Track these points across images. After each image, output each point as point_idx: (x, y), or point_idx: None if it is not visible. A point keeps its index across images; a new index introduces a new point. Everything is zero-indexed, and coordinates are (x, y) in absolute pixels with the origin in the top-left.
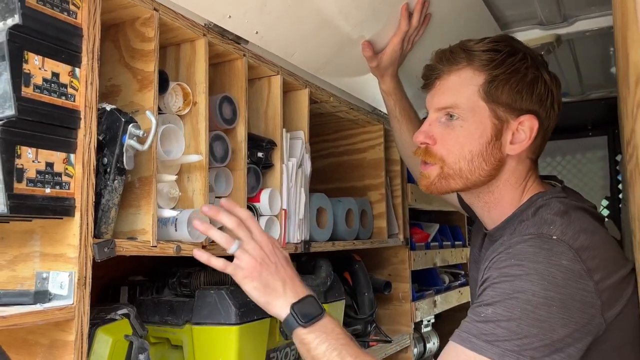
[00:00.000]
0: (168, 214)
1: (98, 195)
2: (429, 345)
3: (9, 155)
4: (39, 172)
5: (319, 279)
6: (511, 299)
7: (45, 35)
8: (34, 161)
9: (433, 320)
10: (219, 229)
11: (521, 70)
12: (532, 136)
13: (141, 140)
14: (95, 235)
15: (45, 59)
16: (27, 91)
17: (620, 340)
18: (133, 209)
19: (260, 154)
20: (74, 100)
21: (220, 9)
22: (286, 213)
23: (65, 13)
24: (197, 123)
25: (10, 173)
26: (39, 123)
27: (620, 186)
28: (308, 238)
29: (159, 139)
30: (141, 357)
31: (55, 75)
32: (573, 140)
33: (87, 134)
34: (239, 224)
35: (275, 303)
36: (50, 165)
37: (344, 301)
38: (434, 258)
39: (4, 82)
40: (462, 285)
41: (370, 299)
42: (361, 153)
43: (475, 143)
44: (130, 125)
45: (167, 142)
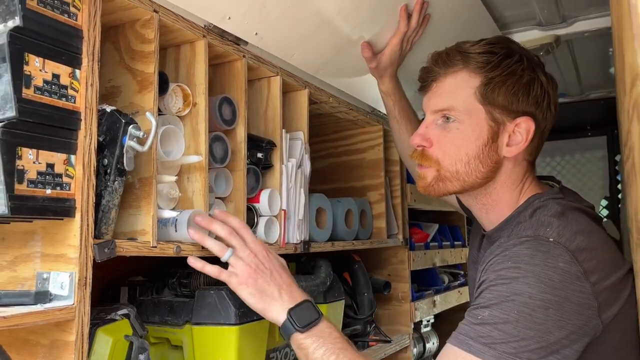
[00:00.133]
0: (168, 214)
1: (98, 196)
2: (428, 345)
3: (9, 157)
4: (39, 173)
5: (318, 279)
6: (508, 301)
7: (45, 37)
8: (34, 162)
9: (432, 320)
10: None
11: (517, 72)
12: (529, 138)
13: (141, 141)
14: (95, 235)
15: (46, 60)
16: (28, 93)
17: (618, 341)
18: (133, 209)
19: (259, 155)
20: (74, 102)
21: (220, 11)
22: (286, 213)
23: (66, 15)
24: (197, 124)
25: (11, 174)
26: (40, 124)
27: (619, 186)
28: (307, 238)
29: (159, 139)
30: (141, 357)
31: (56, 76)
32: (572, 141)
33: (88, 135)
34: (231, 233)
35: (272, 308)
36: (50, 166)
37: (343, 301)
38: (434, 258)
39: (4, 84)
40: (462, 285)
41: (369, 299)
42: (360, 153)
43: (472, 145)
44: (131, 126)
45: (167, 143)
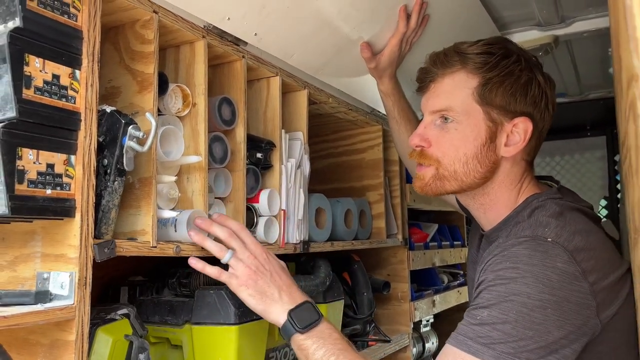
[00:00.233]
0: (168, 214)
1: (98, 196)
2: (428, 345)
3: (10, 157)
4: (39, 174)
5: (317, 279)
6: (506, 301)
7: (46, 37)
8: (34, 162)
9: (432, 320)
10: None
11: (515, 73)
12: (527, 138)
13: (141, 141)
14: (95, 235)
15: (46, 61)
16: (28, 93)
17: (617, 341)
18: (133, 209)
19: (259, 155)
20: (74, 102)
21: (220, 11)
22: (285, 213)
23: (66, 16)
24: (197, 124)
25: (12, 174)
26: (40, 125)
27: (619, 186)
28: (307, 238)
29: (159, 140)
30: (141, 357)
31: (56, 77)
32: (572, 141)
33: (88, 136)
34: (231, 235)
35: (272, 310)
36: (50, 166)
37: (342, 301)
38: (433, 258)
39: (5, 85)
40: (461, 285)
41: (369, 299)
42: (360, 153)
43: (470, 145)
44: (130, 126)
45: (167, 143)
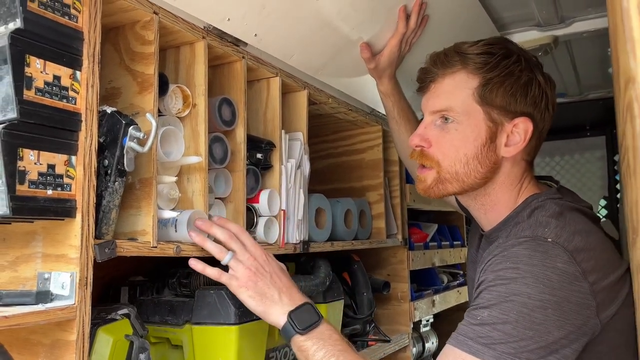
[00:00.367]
0: (168, 215)
1: (99, 196)
2: (427, 345)
3: (11, 158)
4: (40, 174)
5: (317, 279)
6: (507, 301)
7: (46, 39)
8: (35, 163)
9: (432, 320)
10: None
11: (515, 73)
12: (527, 138)
13: (141, 142)
14: (96, 236)
15: (47, 62)
16: (29, 94)
17: (617, 341)
18: (133, 210)
19: (259, 155)
20: (75, 103)
21: (219, 12)
22: (285, 214)
23: (67, 17)
24: (197, 125)
25: (13, 175)
26: (41, 126)
27: (618, 186)
28: (307, 238)
29: (159, 140)
30: (142, 357)
31: (57, 78)
32: (571, 141)
33: (88, 136)
34: (231, 236)
35: (272, 311)
36: (51, 167)
37: (342, 301)
38: (433, 258)
39: (6, 86)
40: (461, 285)
41: (369, 299)
42: (360, 154)
43: (470, 146)
44: (131, 127)
45: (167, 144)
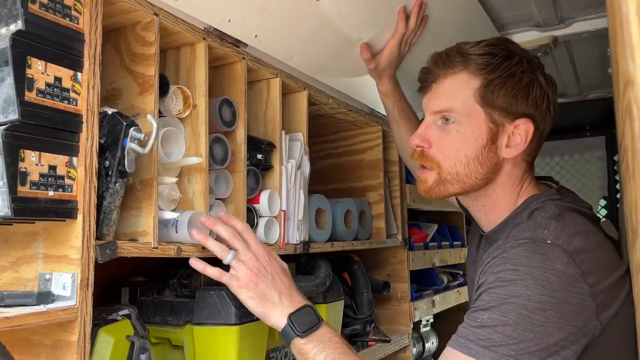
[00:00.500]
0: (169, 215)
1: (100, 197)
2: (427, 345)
3: (12, 159)
4: (42, 175)
5: (318, 279)
6: (507, 303)
7: (47, 40)
8: (37, 164)
9: (432, 320)
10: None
11: (517, 74)
12: (528, 140)
13: (142, 143)
14: (97, 237)
15: (48, 63)
16: (30, 96)
17: (616, 341)
18: (134, 210)
19: (259, 156)
20: (76, 105)
21: (220, 13)
22: (285, 214)
23: (68, 18)
24: (197, 126)
25: (14, 176)
26: (42, 127)
27: (618, 186)
28: (307, 239)
29: (160, 141)
30: (142, 357)
31: (58, 79)
32: (571, 141)
33: (89, 138)
34: (234, 235)
35: (272, 313)
36: (53, 168)
37: (343, 301)
38: (433, 258)
39: (7, 87)
40: (461, 285)
41: (369, 299)
42: (360, 154)
43: (471, 147)
44: (132, 128)
45: (168, 145)
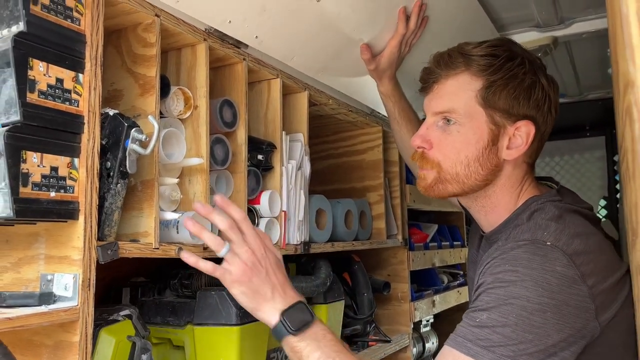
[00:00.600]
0: (170, 216)
1: (101, 198)
2: (428, 345)
3: (14, 160)
4: (43, 177)
5: (318, 279)
6: (506, 304)
7: (49, 42)
8: (39, 165)
9: (432, 320)
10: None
11: (519, 76)
12: (529, 141)
13: (144, 144)
14: (98, 237)
15: (50, 65)
16: (32, 97)
17: (615, 342)
18: (135, 211)
19: (260, 157)
20: (77, 106)
21: (221, 15)
22: (286, 215)
23: (69, 20)
24: (198, 126)
25: (16, 177)
26: (44, 128)
27: (618, 186)
28: (308, 239)
29: (161, 142)
30: (144, 358)
31: (60, 81)
32: (571, 141)
33: (91, 139)
34: (231, 227)
35: (264, 309)
36: (54, 169)
37: (343, 301)
38: (433, 258)
39: (9, 89)
40: (461, 285)
41: (369, 299)
42: (360, 154)
43: (472, 148)
44: (133, 129)
45: (169, 146)
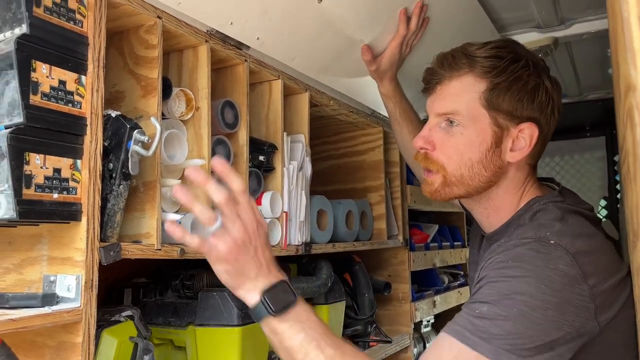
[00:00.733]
0: (172, 217)
1: (104, 200)
2: (428, 345)
3: (18, 162)
4: (46, 178)
5: (319, 280)
6: (508, 299)
7: (52, 44)
8: (42, 167)
9: (433, 320)
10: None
11: (523, 78)
12: (532, 143)
13: (146, 145)
14: (101, 239)
15: (53, 67)
16: (35, 99)
17: (616, 342)
18: (138, 212)
19: (261, 158)
20: (80, 107)
21: (222, 16)
22: (287, 215)
23: (72, 22)
24: (200, 128)
25: (19, 179)
26: (47, 130)
27: (618, 186)
28: (309, 240)
29: (163, 144)
30: (146, 358)
31: (62, 83)
32: (571, 141)
33: (93, 140)
34: (227, 201)
35: (245, 287)
36: (57, 171)
37: (344, 302)
38: (434, 259)
39: (12, 91)
40: (462, 285)
41: (370, 300)
42: (361, 155)
43: (475, 150)
44: (135, 131)
45: (171, 147)
